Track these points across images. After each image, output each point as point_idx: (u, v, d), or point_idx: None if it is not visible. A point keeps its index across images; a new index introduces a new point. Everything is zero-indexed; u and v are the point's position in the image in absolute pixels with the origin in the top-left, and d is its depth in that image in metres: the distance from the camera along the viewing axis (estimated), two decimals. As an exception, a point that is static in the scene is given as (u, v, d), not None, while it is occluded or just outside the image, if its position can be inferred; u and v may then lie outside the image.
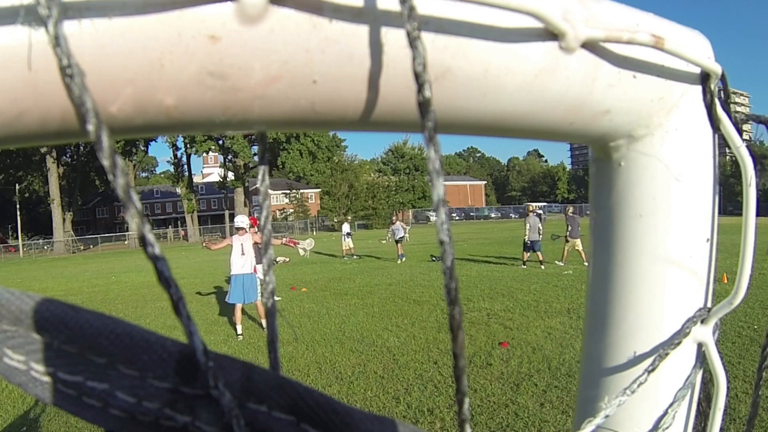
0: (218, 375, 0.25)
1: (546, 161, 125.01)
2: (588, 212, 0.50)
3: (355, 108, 0.30)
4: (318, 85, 0.29)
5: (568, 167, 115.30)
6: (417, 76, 0.25)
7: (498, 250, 21.11)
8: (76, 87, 0.22)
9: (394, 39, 0.29)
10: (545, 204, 77.94)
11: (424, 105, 0.25)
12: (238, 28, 0.26)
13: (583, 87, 0.36)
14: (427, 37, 0.29)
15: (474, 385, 5.65)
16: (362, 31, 0.28)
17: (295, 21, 0.27)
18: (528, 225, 15.62)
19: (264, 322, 7.89)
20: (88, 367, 0.25)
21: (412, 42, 0.25)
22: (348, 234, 22.81)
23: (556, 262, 15.59)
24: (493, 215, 70.84)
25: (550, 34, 0.33)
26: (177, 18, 0.25)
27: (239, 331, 8.46)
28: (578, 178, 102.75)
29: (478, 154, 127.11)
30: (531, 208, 16.64)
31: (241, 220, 8.85)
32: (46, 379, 0.25)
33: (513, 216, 69.06)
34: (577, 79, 0.35)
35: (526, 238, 15.51)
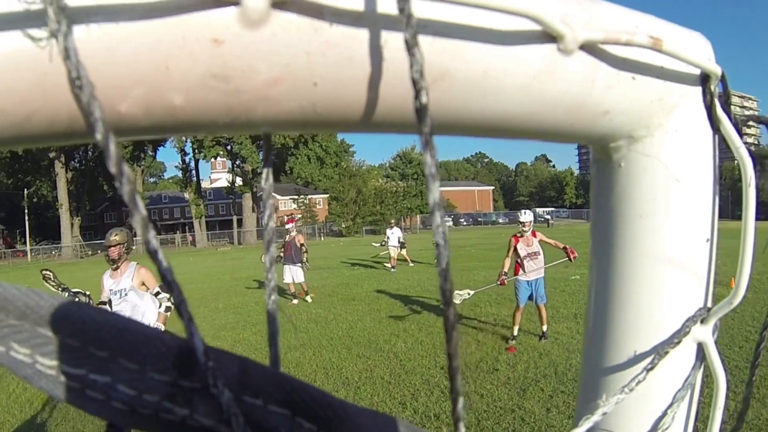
0: (217, 374, 0.26)
1: (554, 166, 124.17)
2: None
3: (356, 109, 0.31)
4: (319, 87, 0.29)
5: (576, 172, 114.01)
6: (414, 83, 0.26)
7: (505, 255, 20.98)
8: (85, 97, 0.23)
9: (393, 42, 0.29)
10: (553, 209, 77.50)
11: (420, 111, 0.26)
12: (240, 32, 0.27)
13: (582, 88, 0.36)
14: (426, 40, 0.30)
15: (481, 390, 5.63)
16: (362, 34, 0.29)
17: (297, 25, 0.28)
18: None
19: (545, 327, 7.54)
20: (91, 361, 0.26)
21: (410, 50, 0.26)
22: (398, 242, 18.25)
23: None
24: (501, 221, 70.28)
25: (549, 36, 0.33)
26: (182, 22, 0.26)
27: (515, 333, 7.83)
28: (586, 183, 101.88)
29: (486, 160, 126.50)
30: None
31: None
32: (51, 372, 0.26)
33: (521, 221, 68.52)
34: (576, 81, 0.36)
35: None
